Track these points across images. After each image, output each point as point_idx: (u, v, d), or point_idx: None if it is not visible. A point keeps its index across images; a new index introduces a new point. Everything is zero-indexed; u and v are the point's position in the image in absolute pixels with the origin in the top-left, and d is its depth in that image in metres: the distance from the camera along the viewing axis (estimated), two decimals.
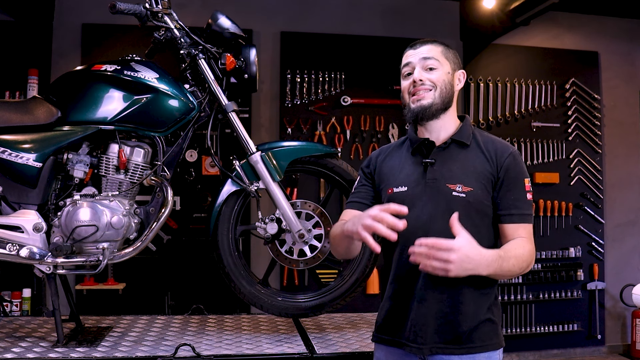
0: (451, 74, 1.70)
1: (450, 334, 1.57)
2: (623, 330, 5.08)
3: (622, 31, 5.18)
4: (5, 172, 2.03)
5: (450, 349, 1.56)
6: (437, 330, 1.57)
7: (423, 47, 1.69)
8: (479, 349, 1.57)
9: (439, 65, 1.67)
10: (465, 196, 1.58)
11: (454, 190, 1.59)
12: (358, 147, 4.60)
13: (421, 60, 1.67)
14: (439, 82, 1.66)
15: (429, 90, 1.65)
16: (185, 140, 2.17)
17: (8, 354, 1.88)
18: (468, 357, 1.56)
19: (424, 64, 1.67)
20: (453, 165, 1.64)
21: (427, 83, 1.66)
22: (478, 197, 1.59)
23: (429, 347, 1.57)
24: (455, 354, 1.56)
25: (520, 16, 4.32)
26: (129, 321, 2.44)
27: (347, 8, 4.75)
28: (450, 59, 1.70)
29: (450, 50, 1.72)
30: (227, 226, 2.21)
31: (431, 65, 1.67)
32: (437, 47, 1.70)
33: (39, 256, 2.01)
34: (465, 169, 1.62)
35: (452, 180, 1.61)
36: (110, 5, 2.07)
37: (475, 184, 1.60)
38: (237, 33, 2.19)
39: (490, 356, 1.58)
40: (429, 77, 1.66)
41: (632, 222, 5.16)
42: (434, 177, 1.62)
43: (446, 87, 1.67)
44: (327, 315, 2.58)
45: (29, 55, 4.17)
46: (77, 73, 2.18)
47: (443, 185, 1.61)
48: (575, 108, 4.99)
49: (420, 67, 1.67)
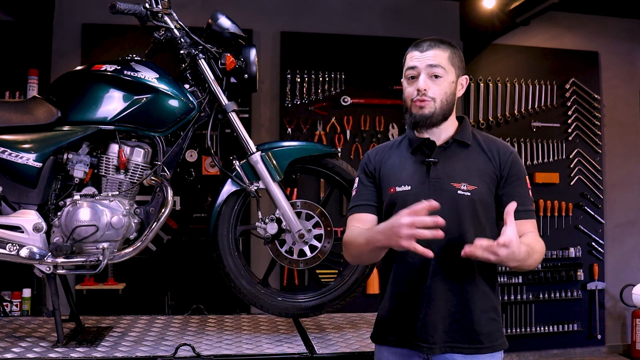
0: (455, 82, 1.67)
1: (459, 333, 1.58)
2: (623, 330, 5.08)
3: (622, 31, 5.18)
4: (5, 172, 2.03)
5: (459, 348, 1.57)
6: (446, 330, 1.58)
7: (429, 52, 1.64)
8: (487, 349, 1.58)
9: (444, 73, 1.63)
10: (470, 195, 1.59)
11: (459, 189, 1.59)
12: (358, 147, 4.60)
13: (427, 67, 1.63)
14: (442, 94, 1.63)
15: (431, 101, 1.63)
16: (185, 140, 2.17)
17: (8, 354, 1.88)
18: (473, 357, 1.57)
19: (430, 71, 1.63)
20: (456, 164, 1.64)
21: (428, 94, 1.62)
22: (482, 195, 1.60)
23: (439, 346, 1.57)
24: (463, 353, 1.57)
25: (520, 16, 4.31)
26: (129, 321, 2.44)
27: (347, 8, 4.75)
28: (456, 65, 1.67)
29: (456, 53, 1.68)
30: (227, 226, 2.21)
31: (437, 73, 1.62)
32: (444, 51, 1.65)
33: (39, 256, 2.01)
34: (468, 167, 1.63)
35: (456, 179, 1.61)
36: (110, 5, 2.07)
37: (479, 182, 1.61)
38: (237, 33, 2.19)
39: (494, 356, 1.60)
40: (433, 89, 1.62)
41: (632, 222, 5.16)
42: (438, 176, 1.62)
43: (447, 98, 1.64)
44: (327, 315, 2.58)
45: (29, 55, 4.17)
46: (77, 73, 2.18)
47: (447, 184, 1.61)
48: (575, 108, 4.99)
49: (426, 74, 1.63)
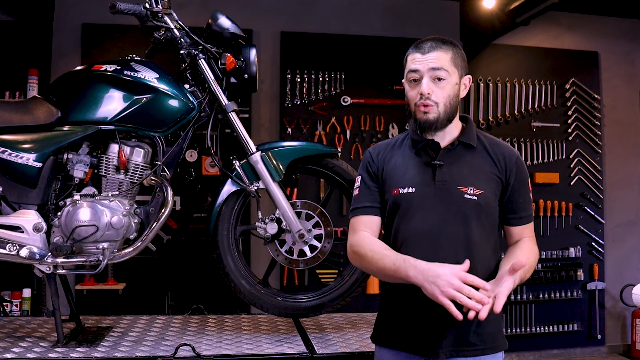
0: (458, 83, 1.63)
1: (464, 337, 1.57)
2: (623, 330, 5.08)
3: (622, 31, 5.18)
4: (5, 172, 2.03)
5: (464, 351, 1.57)
6: (452, 334, 1.56)
7: (432, 54, 1.59)
8: (489, 350, 1.59)
9: (447, 76, 1.59)
10: (477, 199, 1.56)
11: (466, 193, 1.57)
12: (358, 147, 4.60)
13: (430, 70, 1.59)
14: (445, 97, 1.59)
15: (434, 105, 1.59)
16: (185, 140, 2.17)
17: (8, 354, 1.88)
18: (476, 358, 1.57)
19: (433, 74, 1.59)
20: (462, 167, 1.61)
21: (431, 98, 1.59)
22: (488, 200, 1.58)
23: (444, 351, 1.56)
24: (467, 356, 1.57)
25: (520, 16, 4.31)
26: (129, 321, 2.44)
27: (346, 8, 4.74)
28: (458, 65, 1.62)
29: (458, 53, 1.64)
30: (227, 226, 2.21)
31: (440, 76, 1.59)
32: (446, 53, 1.60)
33: (39, 256, 2.01)
34: (474, 171, 1.60)
35: (463, 183, 1.58)
36: (110, 5, 2.07)
37: (485, 186, 1.59)
38: (237, 33, 2.19)
39: (496, 356, 1.60)
40: (436, 92, 1.59)
41: (632, 222, 5.16)
42: (444, 179, 1.59)
43: (451, 101, 1.61)
44: (327, 315, 2.58)
45: (29, 55, 4.16)
46: (77, 73, 2.18)
47: (454, 187, 1.58)
48: (575, 108, 4.99)
49: (429, 77, 1.59)
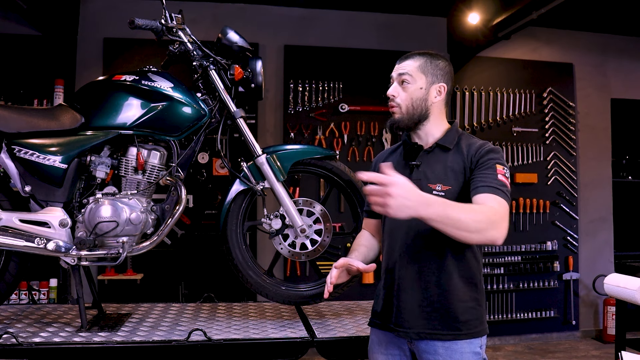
0: (425, 88, 1.63)
1: (436, 320, 1.55)
2: (595, 316, 5.09)
3: (595, 45, 5.19)
4: (34, 173, 2.03)
5: (436, 334, 1.54)
6: (423, 317, 1.56)
7: (404, 63, 1.66)
8: (464, 335, 1.54)
9: (412, 80, 1.63)
10: (444, 194, 1.55)
11: (434, 190, 1.57)
12: (355, 150, 4.60)
13: (398, 75, 1.66)
14: (407, 100, 1.63)
15: (397, 107, 1.65)
16: (197, 143, 2.17)
17: (36, 338, 1.88)
18: (451, 342, 1.54)
19: (399, 79, 1.65)
20: (435, 166, 1.62)
21: (395, 100, 1.65)
22: (456, 194, 1.56)
23: (415, 331, 1.56)
24: (440, 340, 1.54)
25: (502, 31, 4.32)
26: (146, 308, 2.44)
27: (345, 24, 4.75)
28: (428, 72, 1.63)
29: (433, 63, 1.64)
30: (236, 222, 2.20)
31: (404, 79, 1.64)
32: (415, 61, 1.64)
33: (64, 249, 2.00)
34: (446, 170, 1.60)
35: (433, 181, 1.59)
36: (130, 21, 2.07)
37: (454, 182, 1.58)
38: (244, 46, 2.19)
39: (473, 342, 1.55)
40: (400, 95, 1.64)
41: (603, 218, 5.16)
42: (418, 177, 1.61)
43: (414, 103, 1.63)
44: (326, 303, 2.58)
45: (55, 66, 4.17)
46: (99, 83, 2.17)
47: (425, 185, 1.59)
48: (552, 115, 5.00)
49: (397, 82, 1.66)
